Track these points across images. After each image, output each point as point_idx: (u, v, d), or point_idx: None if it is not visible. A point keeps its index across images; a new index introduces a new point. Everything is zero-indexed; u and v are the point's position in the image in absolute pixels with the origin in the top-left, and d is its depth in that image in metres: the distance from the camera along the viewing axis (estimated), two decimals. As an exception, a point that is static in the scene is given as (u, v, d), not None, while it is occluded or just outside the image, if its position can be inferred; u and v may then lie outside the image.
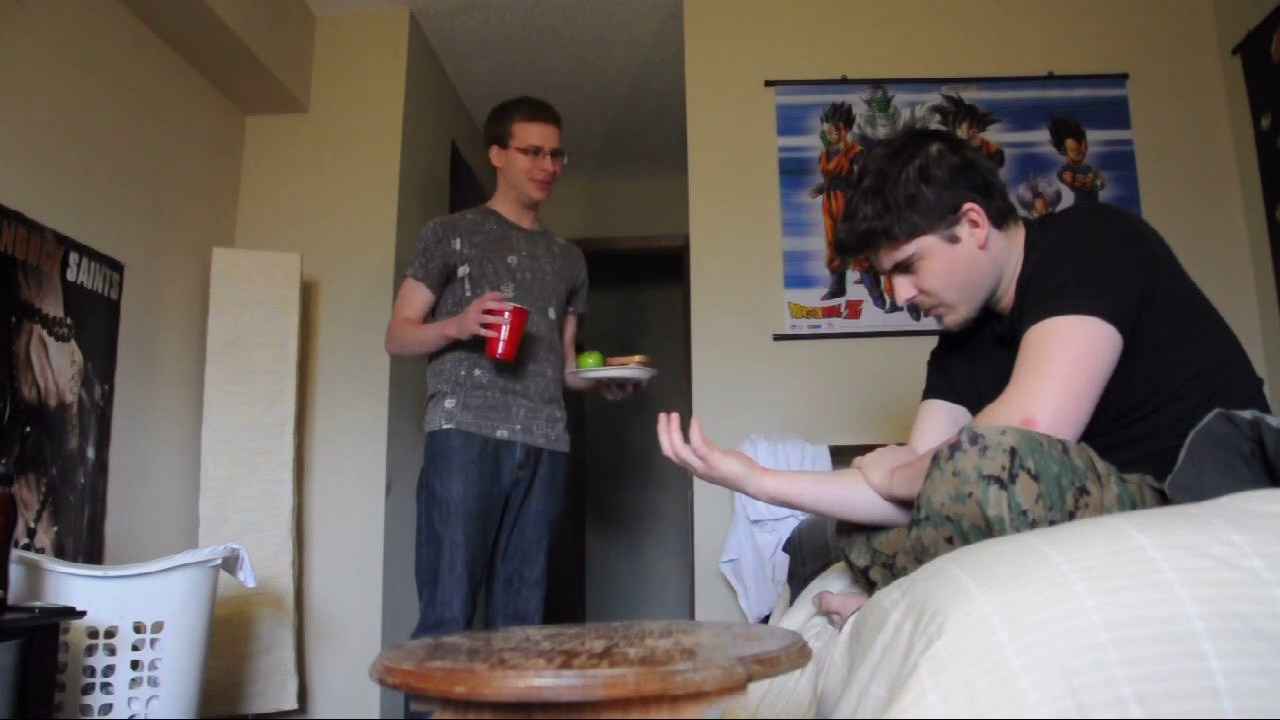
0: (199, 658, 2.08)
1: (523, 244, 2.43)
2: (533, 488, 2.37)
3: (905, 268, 1.38)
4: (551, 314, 2.44)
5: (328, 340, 3.19)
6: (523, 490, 2.36)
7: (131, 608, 1.95)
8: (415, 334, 2.32)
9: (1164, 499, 1.15)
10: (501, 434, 2.30)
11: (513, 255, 2.40)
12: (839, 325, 3.02)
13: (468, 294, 2.34)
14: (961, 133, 3.11)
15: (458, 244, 2.35)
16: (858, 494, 1.37)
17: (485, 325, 2.12)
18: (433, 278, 2.36)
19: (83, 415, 2.39)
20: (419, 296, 2.38)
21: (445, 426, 2.27)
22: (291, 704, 2.77)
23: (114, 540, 2.49)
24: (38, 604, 1.72)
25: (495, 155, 2.42)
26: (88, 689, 1.88)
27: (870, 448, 1.45)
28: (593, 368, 2.31)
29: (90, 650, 1.89)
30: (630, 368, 2.29)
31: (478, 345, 2.25)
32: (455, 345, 2.29)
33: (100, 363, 2.48)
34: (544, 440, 2.38)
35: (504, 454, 2.31)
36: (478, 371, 2.30)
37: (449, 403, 2.30)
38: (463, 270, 2.36)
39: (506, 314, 2.13)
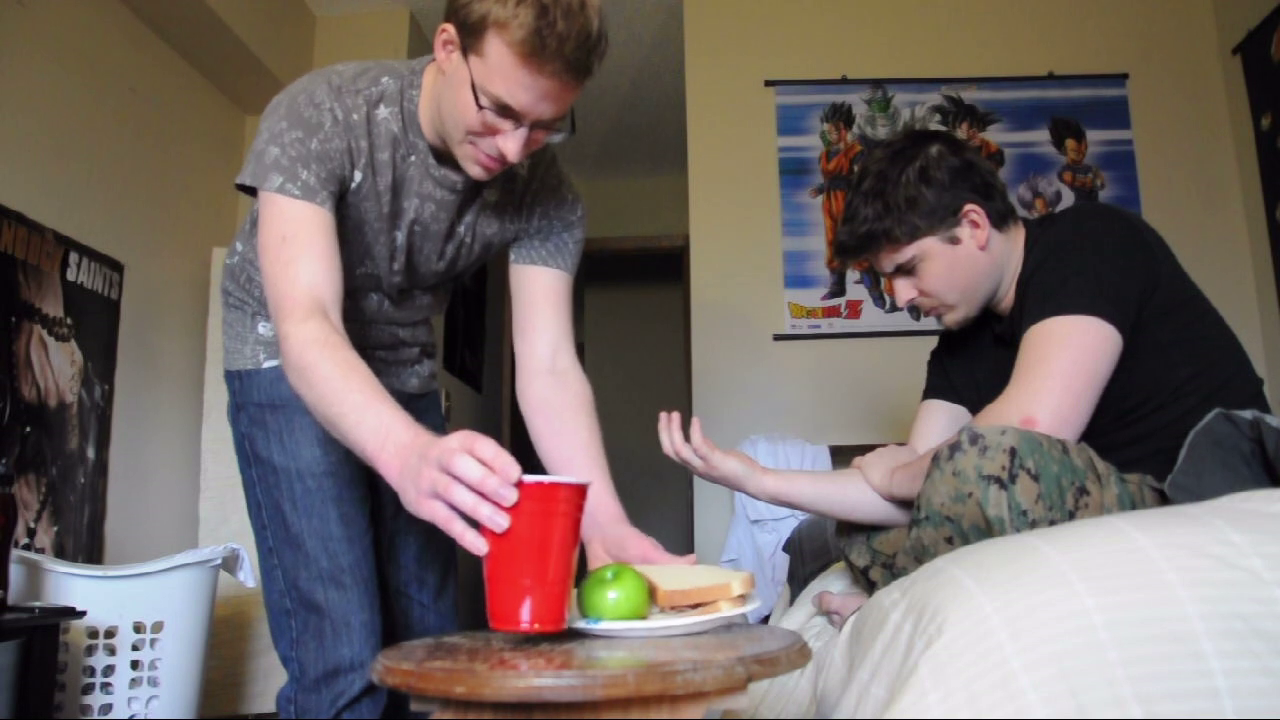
0: (199, 658, 2.08)
1: (436, 210, 1.31)
2: None
3: (906, 270, 1.38)
4: (424, 300, 1.46)
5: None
6: None
7: (131, 608, 1.95)
8: (331, 377, 1.03)
9: (1164, 499, 1.14)
10: None
11: (400, 228, 1.30)
12: (839, 325, 3.02)
13: None
14: (961, 133, 3.11)
15: (356, 177, 1.23)
16: (858, 494, 1.37)
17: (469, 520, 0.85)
18: (331, 200, 1.18)
19: (83, 415, 2.39)
20: (320, 223, 1.15)
21: (269, 363, 1.36)
22: (291, 704, 2.77)
23: (114, 540, 2.49)
24: (38, 604, 1.72)
25: (443, 44, 1.15)
26: (88, 689, 1.88)
27: (870, 448, 1.45)
28: (619, 623, 0.91)
29: (90, 650, 1.89)
30: (697, 621, 0.95)
31: None
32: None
33: (100, 363, 2.48)
34: (416, 381, 1.51)
35: None
36: None
37: (265, 329, 1.38)
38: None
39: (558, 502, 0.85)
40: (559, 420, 1.37)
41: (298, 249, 1.12)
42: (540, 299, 1.42)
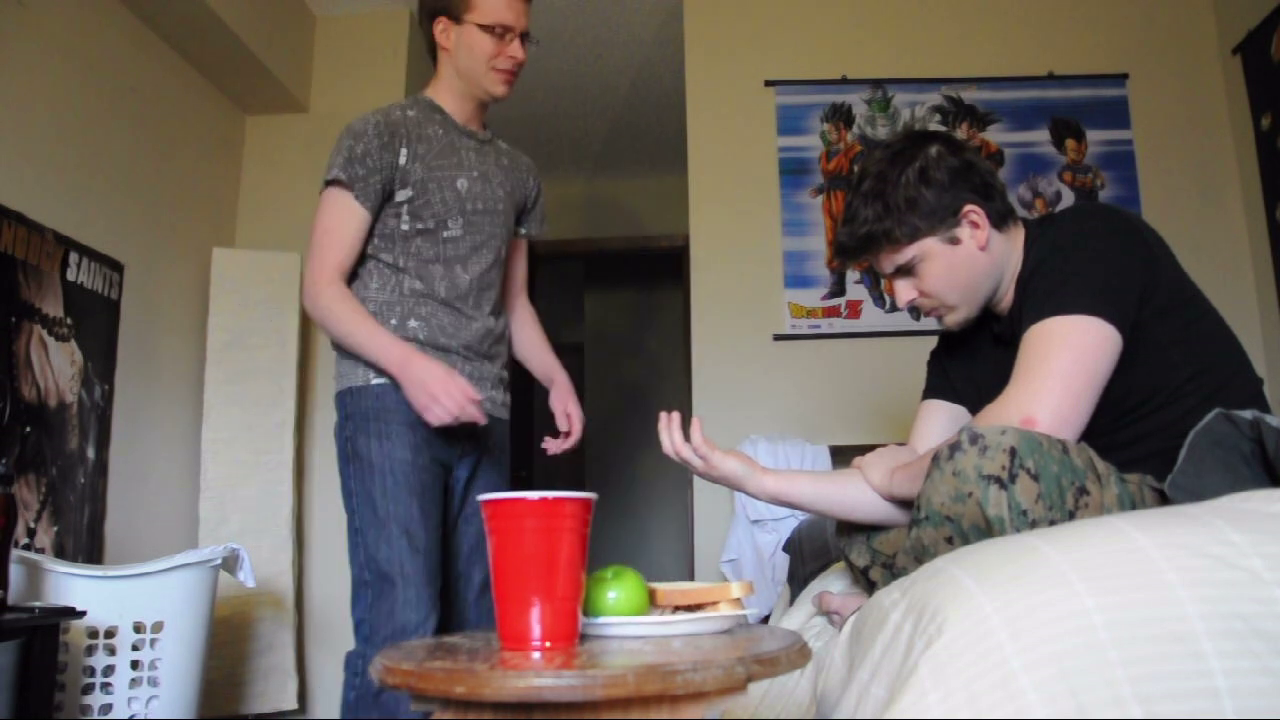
0: (199, 658, 2.08)
1: (474, 159, 1.82)
2: (479, 466, 1.82)
3: (906, 270, 1.38)
4: (502, 250, 1.87)
5: (327, 340, 3.18)
6: (468, 469, 1.80)
7: (131, 608, 1.95)
8: (354, 319, 1.67)
9: (1164, 499, 1.15)
10: None
11: (463, 177, 1.78)
12: (839, 325, 3.02)
13: (404, 227, 1.74)
14: (961, 133, 3.11)
15: (404, 157, 1.72)
16: (858, 494, 1.37)
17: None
18: (373, 197, 1.70)
19: (83, 415, 2.39)
20: (356, 223, 1.70)
21: (376, 381, 1.71)
22: (291, 704, 2.77)
23: (114, 540, 2.49)
24: (38, 604, 1.72)
25: (443, 32, 1.78)
26: (88, 689, 1.88)
27: (870, 448, 1.45)
28: (620, 619, 0.95)
29: (90, 650, 1.89)
30: (695, 618, 0.99)
31: (415, 291, 1.76)
32: (384, 284, 1.76)
33: (100, 363, 2.48)
34: (489, 405, 1.80)
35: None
36: (412, 323, 1.74)
37: None
38: (402, 194, 1.73)
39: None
40: (526, 329, 2.04)
41: (334, 240, 1.70)
42: (521, 258, 2.03)
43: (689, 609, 1.01)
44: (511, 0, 1.76)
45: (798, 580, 1.99)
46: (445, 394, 1.56)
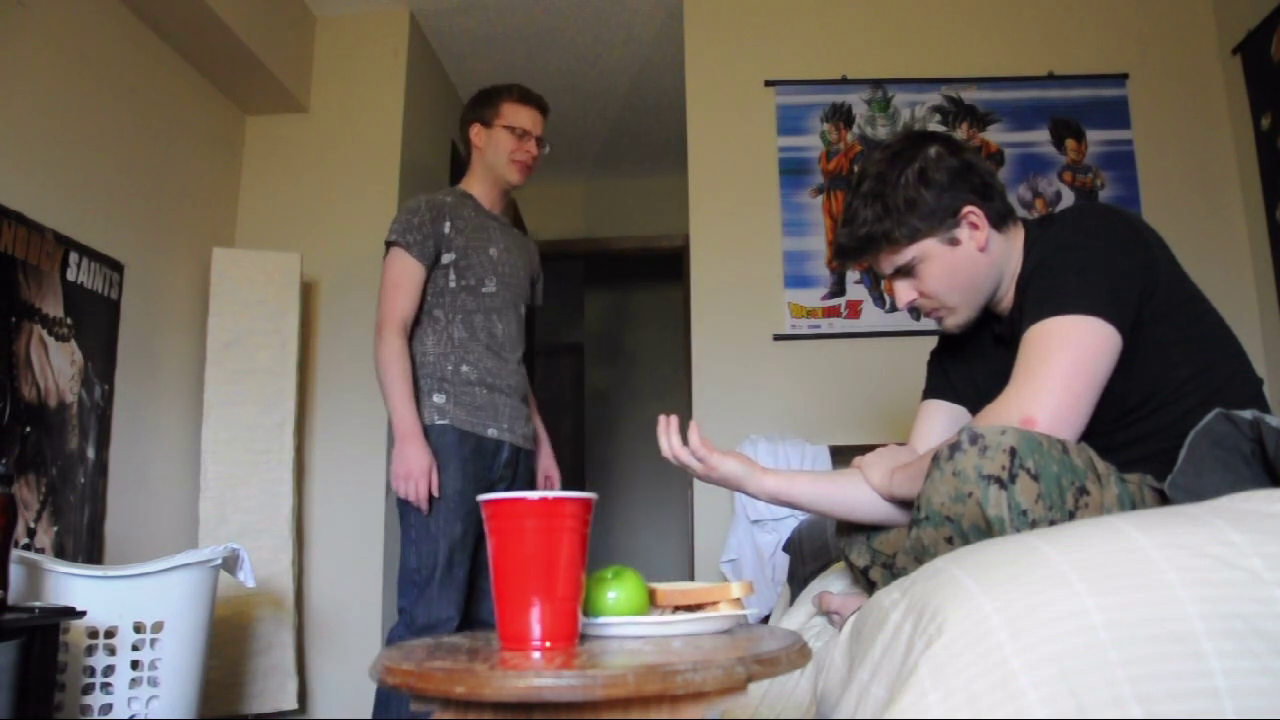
0: (199, 658, 2.08)
1: (498, 234, 2.35)
2: (512, 489, 2.29)
3: (906, 271, 1.38)
4: (522, 310, 2.39)
5: (328, 340, 3.18)
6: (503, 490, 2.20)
7: (131, 608, 1.95)
8: (397, 381, 2.13)
9: (1164, 499, 1.15)
10: (492, 433, 2.23)
11: (493, 246, 2.31)
12: (839, 325, 3.02)
13: (451, 284, 2.24)
14: (961, 133, 3.11)
15: (447, 228, 2.24)
16: (858, 494, 1.37)
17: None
18: (428, 257, 2.21)
19: (83, 415, 2.39)
20: (416, 275, 2.21)
21: (440, 422, 2.17)
22: (291, 704, 2.77)
23: (114, 540, 2.49)
24: (38, 604, 1.72)
25: (476, 134, 2.35)
26: (88, 689, 1.88)
27: (870, 448, 1.45)
28: (620, 619, 0.96)
29: (90, 650, 1.89)
30: (695, 618, 0.99)
31: (463, 340, 2.23)
32: (439, 338, 2.23)
33: (100, 363, 2.48)
34: (522, 440, 2.32)
35: (491, 453, 2.24)
36: (465, 368, 2.23)
37: (438, 398, 2.20)
38: (448, 257, 2.24)
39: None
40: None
41: (402, 291, 2.19)
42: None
43: (689, 609, 1.02)
44: (531, 112, 2.35)
45: (798, 580, 1.99)
46: (419, 479, 2.07)
